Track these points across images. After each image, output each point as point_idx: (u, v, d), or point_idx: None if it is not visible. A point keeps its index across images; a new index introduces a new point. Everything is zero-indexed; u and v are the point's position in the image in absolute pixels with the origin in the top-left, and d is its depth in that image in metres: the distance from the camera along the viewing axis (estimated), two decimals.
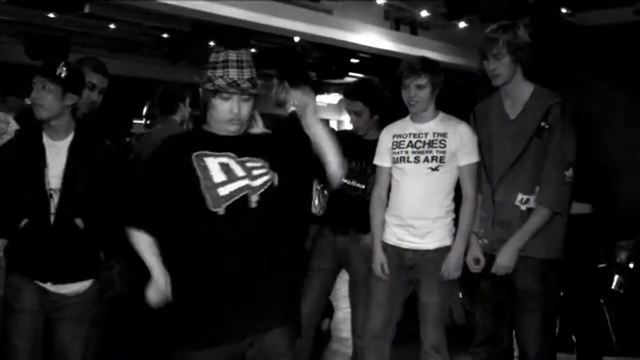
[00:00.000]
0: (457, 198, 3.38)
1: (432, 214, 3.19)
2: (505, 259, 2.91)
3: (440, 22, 6.55)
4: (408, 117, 3.35)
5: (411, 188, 3.15)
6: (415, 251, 3.18)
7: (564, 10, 5.77)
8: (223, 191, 2.26)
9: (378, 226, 3.24)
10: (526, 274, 2.91)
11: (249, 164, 2.30)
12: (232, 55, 2.29)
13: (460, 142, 3.18)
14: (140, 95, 5.25)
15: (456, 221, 3.28)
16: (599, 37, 6.07)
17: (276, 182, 2.32)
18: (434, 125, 3.25)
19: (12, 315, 2.74)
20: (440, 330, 3.20)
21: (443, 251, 3.24)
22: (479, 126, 3.13)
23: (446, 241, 3.20)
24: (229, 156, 2.30)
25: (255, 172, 2.30)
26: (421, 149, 3.21)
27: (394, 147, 3.24)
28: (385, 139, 3.31)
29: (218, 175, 2.28)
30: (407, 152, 3.21)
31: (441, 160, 3.17)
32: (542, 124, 2.88)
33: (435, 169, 3.17)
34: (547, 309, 2.97)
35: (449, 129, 3.22)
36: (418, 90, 3.19)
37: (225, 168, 2.29)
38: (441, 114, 3.29)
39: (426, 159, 3.18)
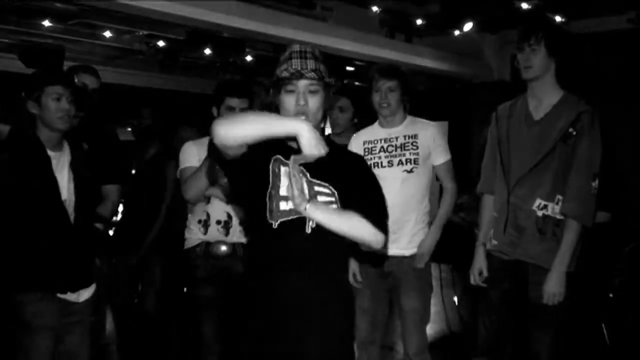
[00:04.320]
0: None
1: (410, 218, 3.21)
2: (554, 286, 2.79)
3: (435, 30, 6.55)
4: (376, 124, 3.41)
5: (388, 193, 3.15)
6: (392, 257, 3.20)
7: (558, 19, 5.78)
8: (284, 206, 2.16)
9: None
10: (542, 285, 2.81)
11: (317, 188, 2.18)
12: (296, 47, 2.22)
13: (433, 142, 3.24)
14: (135, 103, 5.26)
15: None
16: (594, 45, 6.10)
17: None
18: (403, 128, 3.30)
19: (31, 334, 2.69)
20: (422, 336, 3.23)
21: None
22: (500, 125, 3.05)
23: None
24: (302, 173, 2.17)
25: (320, 198, 2.16)
26: (393, 153, 3.25)
27: (366, 153, 3.27)
28: (355, 146, 3.33)
29: (285, 189, 2.16)
30: (379, 157, 3.25)
31: (415, 162, 3.21)
32: (570, 129, 2.79)
33: (410, 171, 3.20)
34: (562, 322, 2.90)
35: (419, 130, 3.28)
36: (389, 93, 3.26)
37: None
38: (409, 117, 3.36)
39: (400, 162, 3.22)
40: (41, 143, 2.77)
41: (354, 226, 2.12)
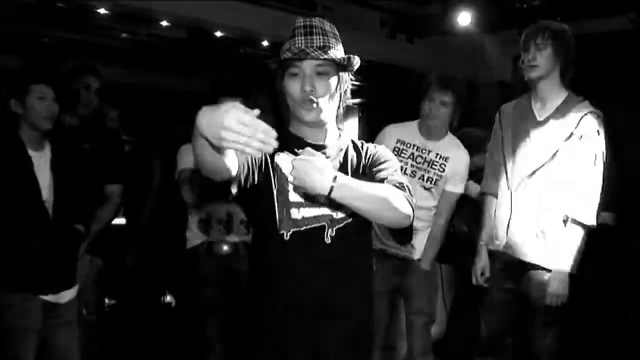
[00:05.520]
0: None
1: (422, 227, 3.20)
2: (557, 288, 2.79)
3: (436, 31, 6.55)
4: (415, 125, 3.32)
5: None
6: (402, 259, 3.20)
7: (557, 19, 5.77)
8: (296, 214, 1.85)
9: None
10: (543, 287, 2.83)
11: None
12: (300, 21, 1.88)
13: (455, 168, 3.19)
14: (135, 103, 5.25)
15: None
16: (594, 45, 6.09)
17: (355, 218, 1.88)
18: (439, 145, 3.23)
19: (14, 335, 2.68)
20: (427, 336, 3.24)
21: None
22: (504, 125, 3.05)
23: None
24: None
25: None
26: (420, 165, 3.20)
27: (395, 152, 3.19)
28: (388, 138, 3.26)
29: (296, 194, 1.86)
30: (406, 162, 3.19)
31: (435, 182, 3.18)
32: (575, 131, 2.79)
33: (427, 190, 3.17)
34: (563, 322, 2.92)
35: (451, 153, 3.21)
36: (441, 106, 3.17)
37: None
38: (449, 136, 3.27)
39: (422, 177, 3.18)
40: (22, 142, 2.75)
41: (388, 205, 1.77)
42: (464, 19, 5.83)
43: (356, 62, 1.94)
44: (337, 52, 1.89)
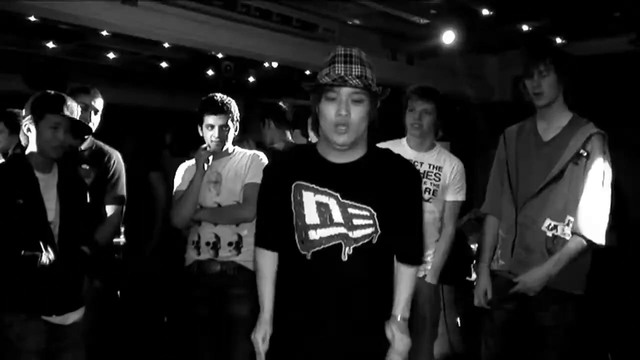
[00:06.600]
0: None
1: (426, 243, 3.20)
2: (532, 280, 2.77)
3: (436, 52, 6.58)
4: (404, 141, 3.36)
5: None
6: None
7: (559, 40, 5.81)
8: (314, 235, 2.05)
9: None
10: (548, 307, 2.80)
11: (351, 210, 2.05)
12: (340, 50, 2.05)
13: (454, 178, 3.22)
14: (138, 124, 5.27)
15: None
16: (594, 67, 6.11)
17: (376, 239, 2.07)
18: (430, 156, 3.28)
19: (17, 356, 2.66)
20: (431, 355, 3.23)
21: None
22: (508, 146, 3.06)
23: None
24: (330, 195, 2.05)
25: (356, 222, 2.05)
26: None
27: None
28: None
29: (312, 216, 2.06)
30: None
31: (434, 193, 3.19)
32: (582, 151, 2.80)
33: (427, 201, 3.18)
34: (567, 346, 2.87)
35: (444, 163, 3.25)
36: (424, 115, 3.23)
37: (322, 209, 2.05)
38: (438, 146, 3.33)
39: None
40: (29, 164, 2.76)
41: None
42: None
43: (387, 92, 2.10)
44: (372, 82, 2.03)
